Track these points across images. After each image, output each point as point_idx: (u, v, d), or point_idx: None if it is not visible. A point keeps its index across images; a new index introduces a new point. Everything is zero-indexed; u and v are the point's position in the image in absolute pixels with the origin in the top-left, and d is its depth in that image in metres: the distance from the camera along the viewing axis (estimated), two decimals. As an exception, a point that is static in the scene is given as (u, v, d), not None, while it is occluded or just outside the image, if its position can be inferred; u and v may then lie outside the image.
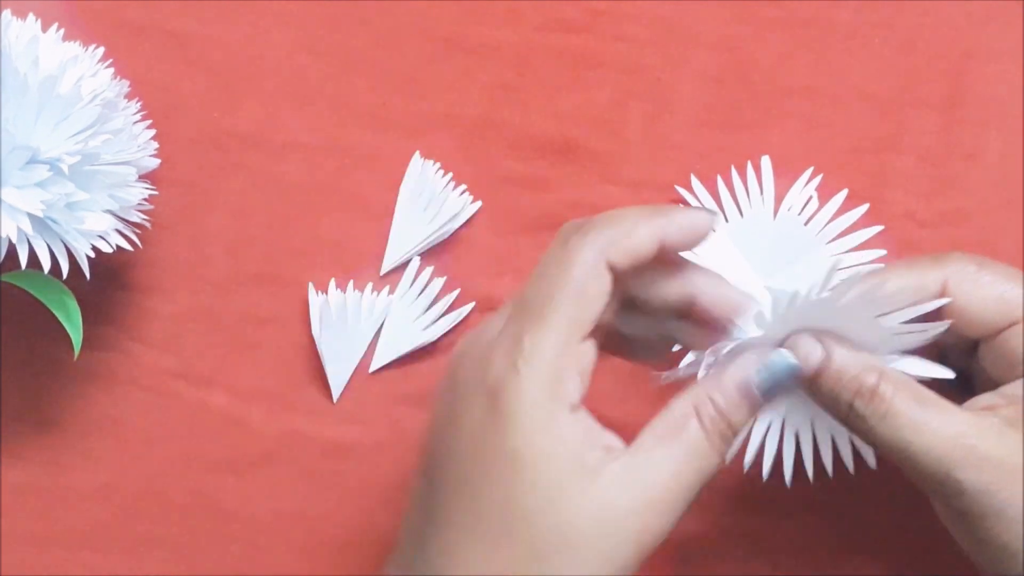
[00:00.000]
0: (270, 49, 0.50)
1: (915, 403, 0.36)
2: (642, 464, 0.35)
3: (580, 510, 0.34)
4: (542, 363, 0.35)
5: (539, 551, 0.34)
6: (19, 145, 0.40)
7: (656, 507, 0.35)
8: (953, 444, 0.36)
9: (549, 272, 0.36)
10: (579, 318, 0.35)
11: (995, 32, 0.49)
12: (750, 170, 0.48)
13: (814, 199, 0.47)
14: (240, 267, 0.50)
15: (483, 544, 0.35)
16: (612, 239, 0.36)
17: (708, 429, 0.36)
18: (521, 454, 0.34)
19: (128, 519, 0.49)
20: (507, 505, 0.35)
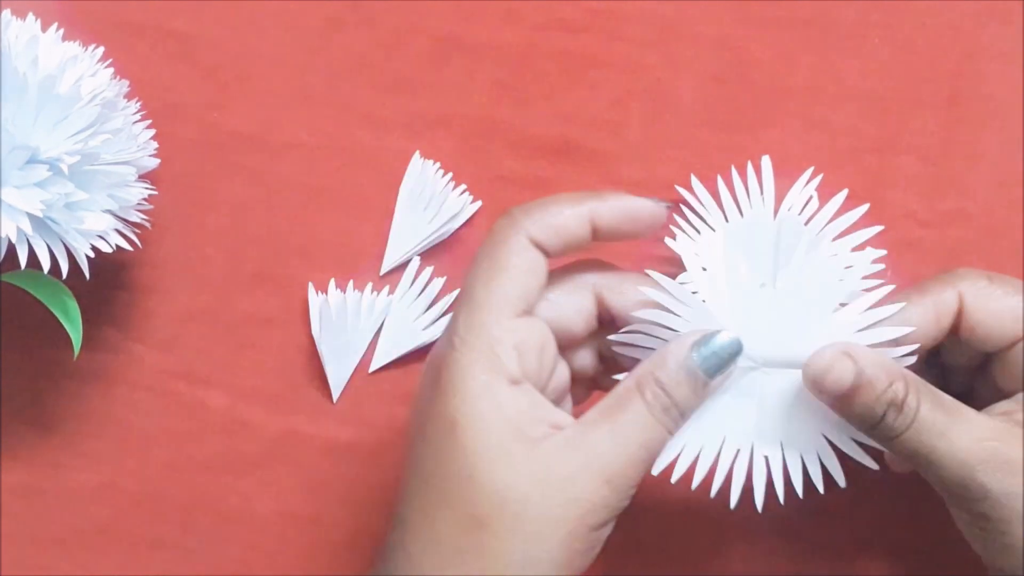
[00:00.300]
0: (270, 49, 0.50)
1: (940, 410, 0.37)
2: (585, 434, 0.36)
3: (519, 474, 0.35)
4: (474, 338, 0.36)
5: (479, 516, 0.35)
6: (19, 145, 0.40)
7: (599, 473, 0.35)
8: (977, 448, 0.36)
9: (479, 257, 0.38)
10: (508, 294, 0.37)
11: (995, 32, 0.49)
12: (750, 170, 0.48)
13: (814, 199, 0.47)
14: (240, 267, 0.50)
15: (427, 511, 0.36)
16: (536, 218, 0.38)
17: (650, 403, 0.37)
18: (457, 421, 0.36)
19: (128, 519, 0.49)
20: (445, 471, 0.36)
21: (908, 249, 0.48)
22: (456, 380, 0.36)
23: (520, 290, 0.37)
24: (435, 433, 0.36)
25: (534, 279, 0.38)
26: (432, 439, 0.36)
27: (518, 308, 0.37)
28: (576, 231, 0.38)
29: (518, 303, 0.37)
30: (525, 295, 0.37)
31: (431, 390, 0.37)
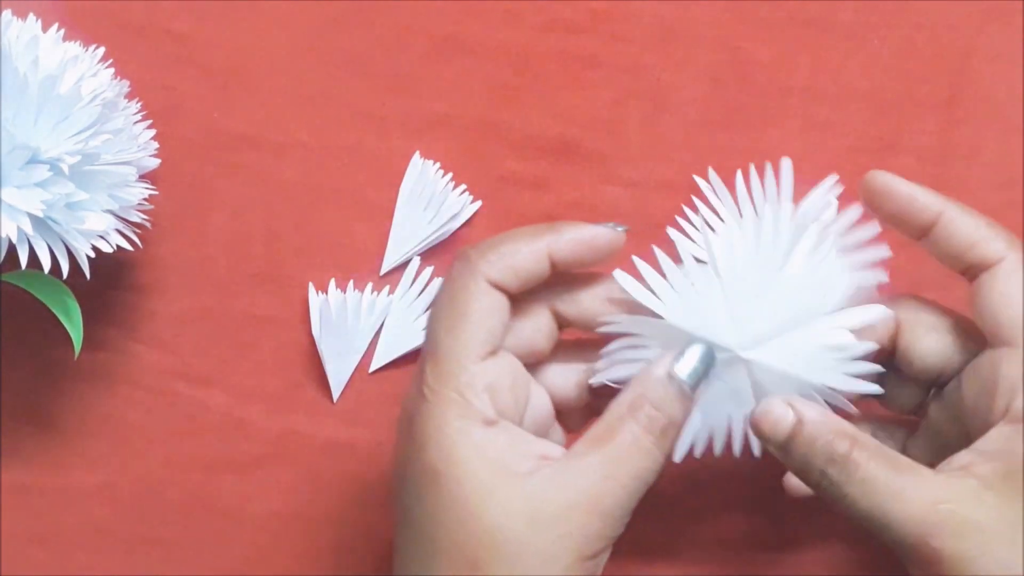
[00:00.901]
0: (270, 49, 0.50)
1: (890, 469, 0.36)
2: (574, 467, 0.36)
3: (510, 512, 0.35)
4: (442, 387, 0.36)
5: (474, 559, 0.35)
6: (19, 145, 0.40)
7: (590, 507, 0.35)
8: (931, 510, 0.35)
9: (439, 303, 0.38)
10: (472, 340, 0.37)
11: (995, 32, 0.49)
12: (768, 170, 0.48)
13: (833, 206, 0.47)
14: (240, 267, 0.50)
15: (424, 562, 0.36)
16: (493, 260, 0.37)
17: (645, 426, 0.36)
18: (438, 470, 0.35)
19: (128, 519, 0.50)
20: (433, 521, 0.35)
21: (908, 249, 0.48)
22: (430, 430, 0.36)
23: (484, 334, 0.37)
24: (419, 486, 0.36)
25: (497, 320, 0.37)
26: (417, 492, 0.36)
27: (484, 351, 0.37)
28: (534, 268, 0.38)
29: (483, 347, 0.37)
30: (490, 338, 0.37)
31: (407, 443, 0.37)
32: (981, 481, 0.35)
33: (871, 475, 0.35)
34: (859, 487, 0.35)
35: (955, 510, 0.35)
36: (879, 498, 0.35)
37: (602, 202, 0.49)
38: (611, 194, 0.49)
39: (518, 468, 0.35)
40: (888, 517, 0.35)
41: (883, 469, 0.35)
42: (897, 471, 0.36)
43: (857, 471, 0.35)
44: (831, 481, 0.36)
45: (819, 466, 0.36)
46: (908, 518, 0.35)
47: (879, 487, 0.35)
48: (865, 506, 0.35)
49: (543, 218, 0.49)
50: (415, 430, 0.36)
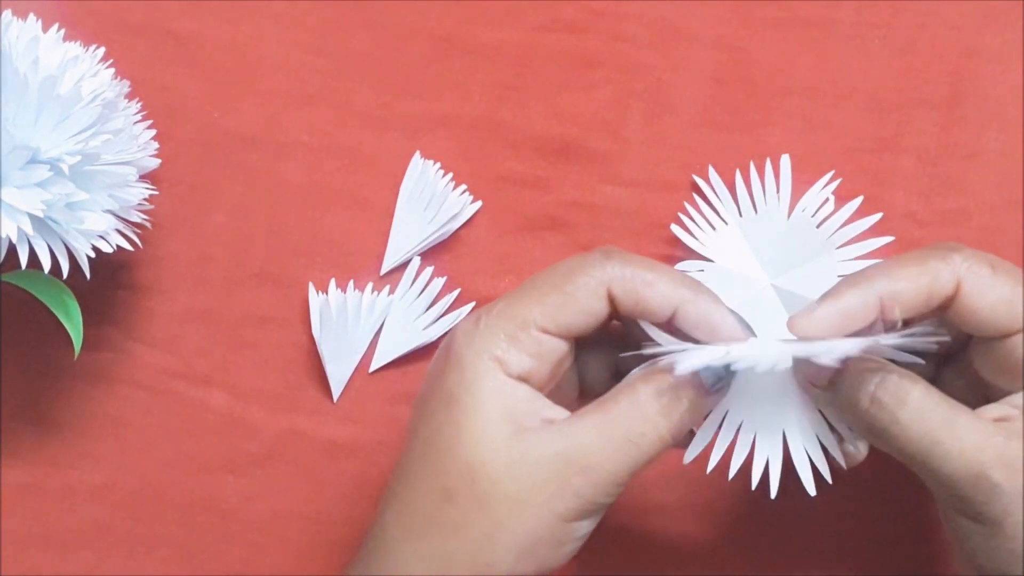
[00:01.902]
0: (270, 49, 0.50)
1: (943, 400, 0.35)
2: (570, 424, 0.36)
3: (496, 454, 0.35)
4: (499, 326, 0.36)
5: (449, 489, 0.35)
6: (19, 145, 0.40)
7: (575, 461, 0.35)
8: (988, 443, 0.34)
9: (557, 270, 0.37)
10: (552, 313, 0.36)
11: (995, 32, 0.49)
12: (768, 168, 0.48)
13: (830, 202, 0.47)
14: (240, 267, 0.50)
15: (407, 480, 0.36)
16: (629, 277, 0.37)
17: (653, 393, 0.36)
18: (454, 395, 0.36)
19: (128, 519, 0.49)
20: (432, 442, 0.36)
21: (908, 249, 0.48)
22: (465, 357, 0.36)
23: (570, 319, 0.37)
24: (433, 404, 0.36)
25: (590, 323, 0.37)
26: (429, 410, 0.36)
27: (557, 330, 0.37)
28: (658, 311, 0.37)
29: (558, 328, 0.37)
30: (569, 326, 0.37)
31: (441, 361, 0.37)
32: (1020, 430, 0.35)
33: (924, 403, 0.35)
34: (912, 413, 0.35)
35: (1006, 443, 0.34)
36: (934, 424, 0.35)
37: (602, 202, 0.49)
38: (611, 194, 0.49)
39: (525, 422, 0.36)
40: (943, 447, 0.35)
41: (936, 398, 0.35)
42: (949, 404, 0.35)
43: (909, 396, 0.35)
44: (883, 405, 0.35)
45: (870, 391, 0.36)
46: (963, 448, 0.34)
47: (932, 414, 0.35)
48: (918, 433, 0.35)
49: (543, 218, 0.49)
50: (454, 347, 0.37)
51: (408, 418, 0.38)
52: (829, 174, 0.48)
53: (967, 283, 0.37)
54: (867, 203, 0.48)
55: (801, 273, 0.46)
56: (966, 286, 0.37)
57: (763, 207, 0.48)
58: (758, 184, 0.48)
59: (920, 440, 0.35)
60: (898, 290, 0.37)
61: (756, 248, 0.47)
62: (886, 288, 0.36)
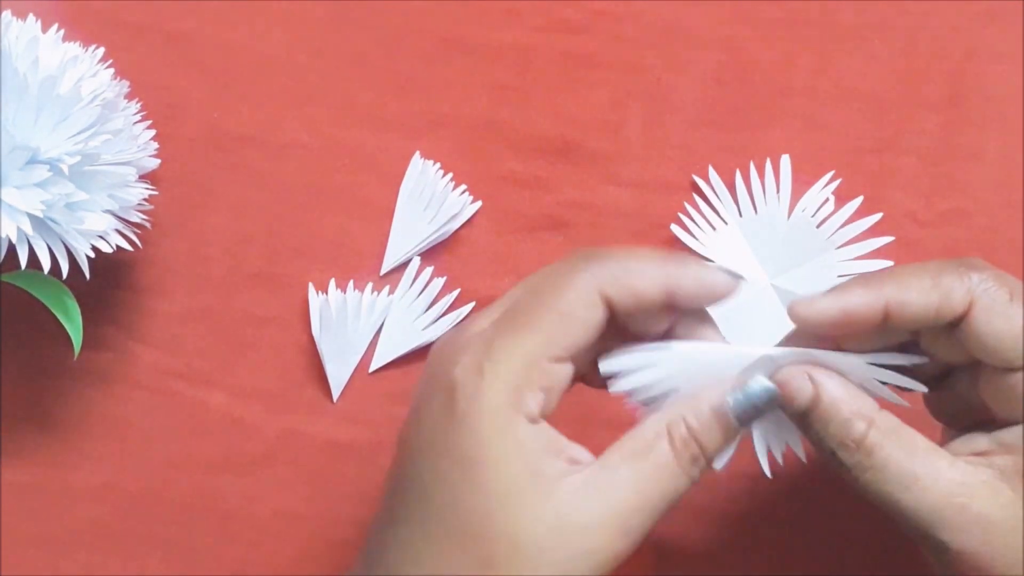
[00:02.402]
0: (270, 49, 0.50)
1: (906, 455, 0.35)
2: (606, 480, 0.34)
3: (536, 519, 0.34)
4: (507, 371, 0.34)
5: (489, 557, 0.34)
6: (19, 145, 0.40)
7: (617, 524, 0.34)
8: (943, 503, 0.34)
9: (543, 288, 0.36)
10: (556, 340, 0.35)
11: (995, 32, 0.49)
12: (768, 167, 0.48)
13: (830, 202, 0.47)
14: (240, 267, 0.50)
15: (433, 546, 0.34)
16: (616, 274, 0.35)
17: (678, 450, 0.35)
18: (472, 457, 0.34)
19: (128, 519, 0.49)
20: (457, 508, 0.34)
21: (909, 249, 0.48)
22: (476, 413, 0.34)
23: (572, 340, 0.35)
24: (450, 467, 0.34)
25: (591, 334, 0.35)
26: (446, 473, 0.34)
27: (561, 354, 0.35)
28: (652, 298, 0.35)
29: (564, 350, 0.35)
30: (574, 346, 0.35)
31: (445, 416, 0.35)
32: (999, 473, 0.35)
33: (884, 462, 0.35)
34: (872, 473, 0.35)
35: (967, 504, 0.34)
36: (891, 486, 0.35)
37: (603, 202, 0.49)
38: (611, 194, 0.49)
39: (549, 471, 0.34)
40: (900, 505, 0.35)
41: (898, 455, 0.35)
42: (912, 457, 0.35)
43: (871, 456, 0.35)
44: (843, 464, 0.35)
45: (831, 447, 0.35)
46: (919, 508, 0.34)
47: (892, 475, 0.35)
48: (876, 491, 0.35)
49: (543, 218, 0.49)
50: (458, 406, 0.34)
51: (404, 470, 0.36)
52: (829, 174, 0.48)
53: (979, 306, 0.35)
54: (867, 203, 0.48)
55: (801, 273, 0.47)
56: (977, 309, 0.35)
57: (763, 207, 0.48)
58: (758, 184, 0.48)
59: (882, 499, 0.35)
60: (907, 300, 0.35)
61: (756, 248, 0.47)
62: (895, 295, 0.35)
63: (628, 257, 0.36)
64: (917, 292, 0.35)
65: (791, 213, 0.47)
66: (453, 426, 0.34)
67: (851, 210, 0.47)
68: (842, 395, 0.36)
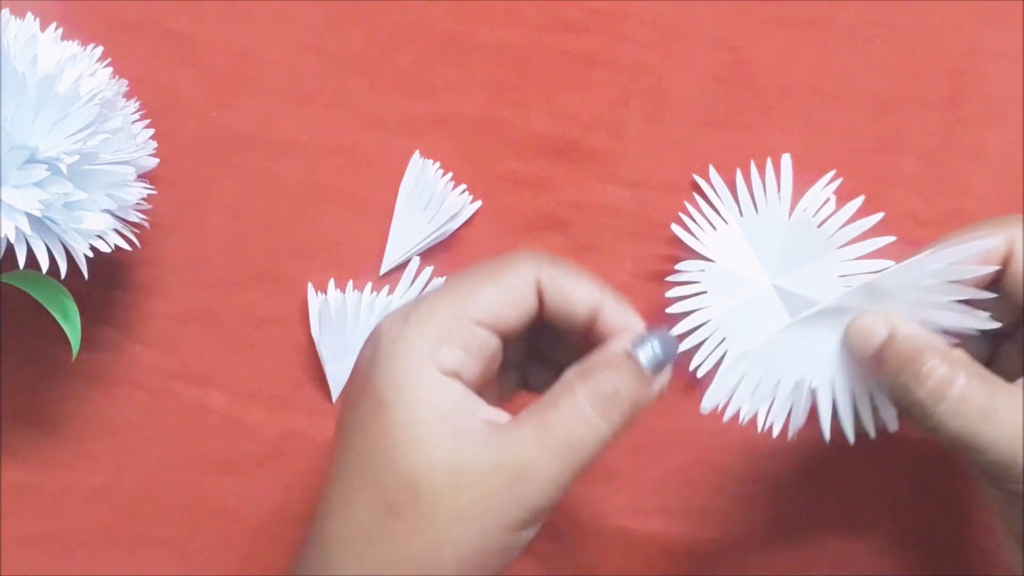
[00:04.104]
0: (270, 49, 0.50)
1: (983, 387, 0.35)
2: (509, 432, 0.35)
3: (437, 465, 0.34)
4: (430, 322, 0.35)
5: (393, 503, 0.34)
6: (17, 144, 0.40)
7: (516, 471, 0.34)
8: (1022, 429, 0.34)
9: (485, 264, 0.37)
10: (483, 304, 0.36)
11: (996, 32, 0.49)
12: (769, 167, 0.48)
13: (831, 202, 0.47)
14: (239, 267, 0.50)
15: (347, 492, 0.35)
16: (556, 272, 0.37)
17: (590, 395, 0.35)
18: (386, 400, 0.34)
19: (128, 519, 0.49)
20: (369, 451, 0.35)
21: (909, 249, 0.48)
22: (393, 355, 0.35)
23: (500, 310, 0.36)
24: (364, 410, 0.35)
25: (519, 313, 0.36)
26: (360, 416, 0.35)
27: (486, 322, 0.36)
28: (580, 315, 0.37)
29: (489, 318, 0.36)
30: (501, 317, 0.36)
31: (367, 361, 0.36)
32: None
33: (962, 394, 0.35)
34: (950, 406, 0.35)
35: None
36: (970, 418, 0.35)
37: (603, 202, 0.49)
38: (611, 194, 0.49)
39: (460, 425, 0.34)
40: (980, 438, 0.35)
41: (975, 388, 0.35)
42: (989, 390, 0.35)
43: (949, 389, 0.35)
44: (918, 398, 0.35)
45: (906, 381, 0.36)
46: (1000, 437, 0.35)
47: (970, 407, 0.35)
48: (956, 425, 0.35)
49: (543, 218, 0.49)
50: (381, 347, 0.35)
51: (337, 418, 0.37)
52: (830, 174, 0.48)
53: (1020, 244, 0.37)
54: (868, 203, 0.47)
55: (802, 273, 0.46)
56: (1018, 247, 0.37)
57: (764, 207, 0.48)
58: (759, 183, 0.48)
59: (958, 433, 0.35)
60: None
61: (757, 248, 0.47)
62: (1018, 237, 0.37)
63: (573, 268, 0.37)
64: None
65: (792, 213, 0.47)
66: (372, 371, 0.35)
67: (852, 210, 0.47)
68: (916, 331, 0.36)
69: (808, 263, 0.46)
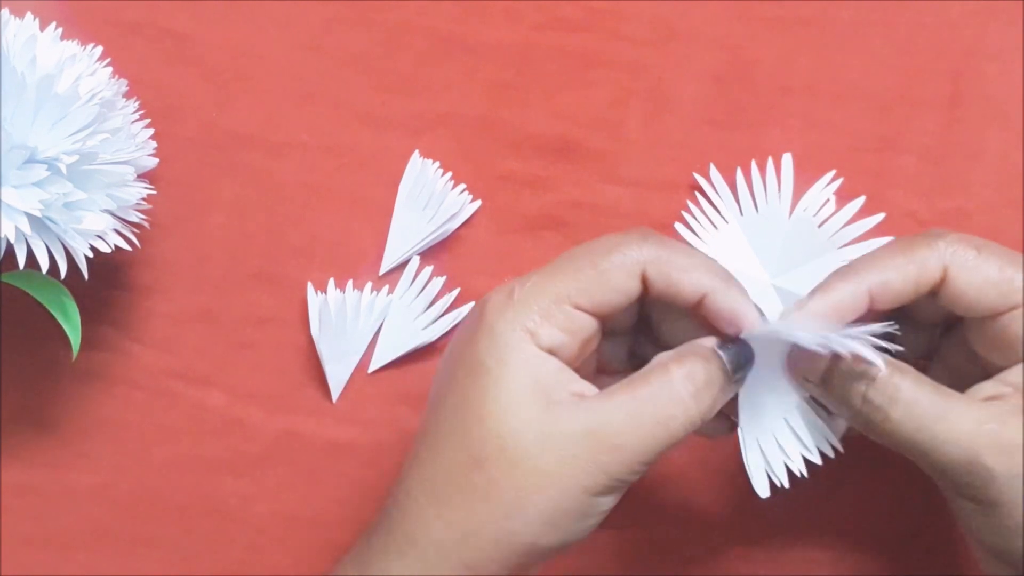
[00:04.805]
0: (270, 49, 0.50)
1: (931, 390, 0.36)
2: (600, 402, 0.36)
3: (527, 425, 0.35)
4: (535, 300, 0.37)
5: (479, 456, 0.35)
6: (17, 144, 0.40)
7: (604, 438, 0.35)
8: (980, 430, 0.35)
9: (593, 247, 0.38)
10: (587, 289, 0.37)
11: (995, 32, 0.49)
12: (770, 166, 0.48)
13: (831, 202, 0.47)
14: (239, 267, 0.50)
15: (434, 446, 0.37)
16: (663, 260, 0.37)
17: (687, 375, 0.36)
18: (485, 364, 0.36)
19: (127, 519, 0.49)
20: (461, 410, 0.36)
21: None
22: (497, 326, 0.36)
23: (602, 298, 0.37)
24: (462, 372, 0.37)
25: (620, 301, 0.37)
26: (457, 377, 0.37)
27: (590, 307, 0.37)
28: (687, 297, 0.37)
29: (590, 304, 0.37)
30: (603, 303, 0.37)
31: (470, 329, 0.37)
32: (1015, 408, 0.36)
33: (915, 397, 0.36)
34: (904, 409, 0.36)
35: (999, 430, 0.35)
36: (926, 420, 0.36)
37: (603, 201, 0.49)
38: (611, 193, 0.49)
39: (554, 395, 0.36)
40: (936, 439, 0.35)
41: (925, 390, 0.36)
42: (940, 393, 0.36)
43: (900, 393, 0.36)
44: (874, 406, 0.36)
45: (861, 391, 0.36)
46: (956, 438, 0.35)
47: (924, 409, 0.36)
48: (910, 429, 0.36)
49: (543, 218, 0.49)
50: (484, 320, 0.37)
51: (434, 379, 0.39)
52: (830, 174, 0.48)
53: (953, 267, 0.37)
54: (868, 202, 0.47)
55: (802, 273, 0.46)
56: (952, 270, 0.37)
57: (764, 206, 0.48)
58: (759, 183, 0.48)
59: (913, 435, 0.36)
60: (887, 280, 0.37)
61: (757, 247, 0.47)
62: (876, 279, 0.37)
63: (682, 253, 0.38)
64: (894, 271, 0.38)
65: (792, 212, 0.47)
66: (475, 336, 0.37)
67: (853, 210, 0.47)
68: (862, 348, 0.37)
69: (808, 263, 0.46)
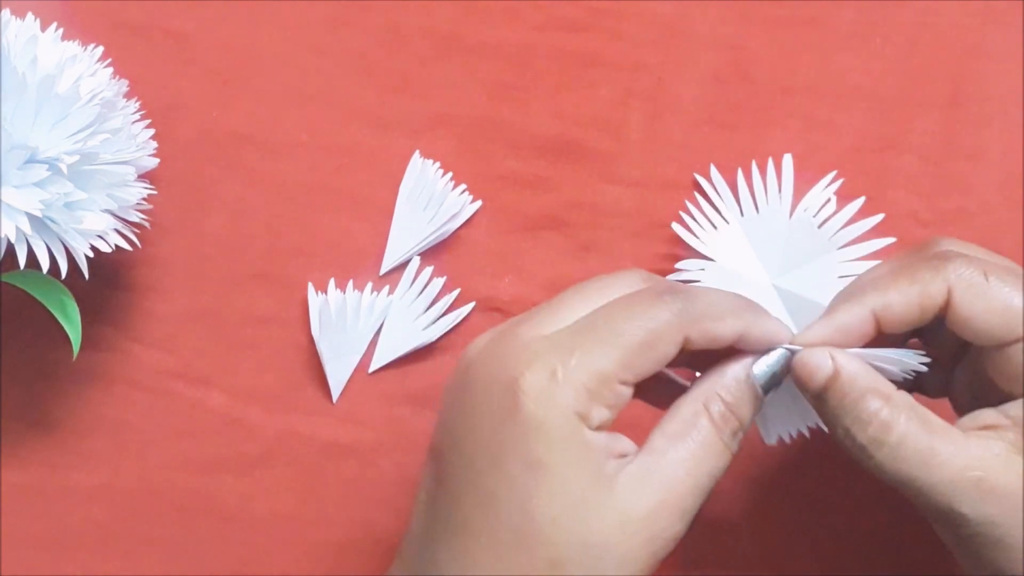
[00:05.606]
0: (270, 49, 0.50)
1: (920, 431, 0.35)
2: (656, 466, 0.36)
3: (601, 518, 0.35)
4: (582, 381, 0.35)
5: (558, 558, 0.34)
6: (17, 144, 0.40)
7: (674, 508, 0.35)
8: (959, 477, 0.35)
9: (633, 311, 0.36)
10: (633, 365, 0.36)
11: (996, 32, 0.49)
12: (770, 166, 0.48)
13: (832, 202, 0.47)
14: (239, 267, 0.50)
15: (498, 550, 0.35)
16: (701, 319, 0.36)
17: (719, 425, 0.36)
18: (544, 463, 0.35)
19: (127, 519, 0.49)
20: (526, 513, 0.35)
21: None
22: (549, 418, 0.35)
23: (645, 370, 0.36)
24: (520, 472, 0.35)
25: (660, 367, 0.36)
26: (515, 477, 0.35)
27: (631, 380, 0.36)
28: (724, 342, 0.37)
29: (635, 376, 0.36)
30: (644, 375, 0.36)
31: (507, 418, 0.35)
32: (1010, 445, 0.35)
33: (901, 438, 0.35)
34: (888, 450, 0.35)
35: (983, 477, 0.35)
36: (908, 464, 0.35)
37: (603, 201, 0.49)
38: (612, 193, 0.49)
39: (607, 469, 0.35)
40: (917, 483, 0.35)
41: (914, 431, 0.35)
42: (928, 433, 0.35)
43: (887, 432, 0.35)
44: (857, 442, 0.36)
45: (847, 424, 0.36)
46: (937, 483, 0.35)
47: (908, 452, 0.35)
48: (893, 469, 0.35)
49: (543, 218, 0.49)
50: (526, 404, 0.35)
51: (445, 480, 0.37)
52: (831, 174, 0.48)
53: (957, 293, 0.36)
54: (869, 203, 0.47)
55: (803, 273, 0.46)
56: (956, 296, 0.36)
57: (765, 206, 0.48)
58: (760, 183, 0.48)
59: (896, 477, 0.36)
60: (890, 304, 0.37)
61: (758, 248, 0.47)
62: (878, 302, 0.37)
63: (712, 303, 0.37)
64: (897, 295, 0.37)
65: (792, 213, 0.47)
66: (519, 429, 0.35)
67: (853, 210, 0.47)
68: (860, 372, 0.36)
69: (809, 263, 0.47)
